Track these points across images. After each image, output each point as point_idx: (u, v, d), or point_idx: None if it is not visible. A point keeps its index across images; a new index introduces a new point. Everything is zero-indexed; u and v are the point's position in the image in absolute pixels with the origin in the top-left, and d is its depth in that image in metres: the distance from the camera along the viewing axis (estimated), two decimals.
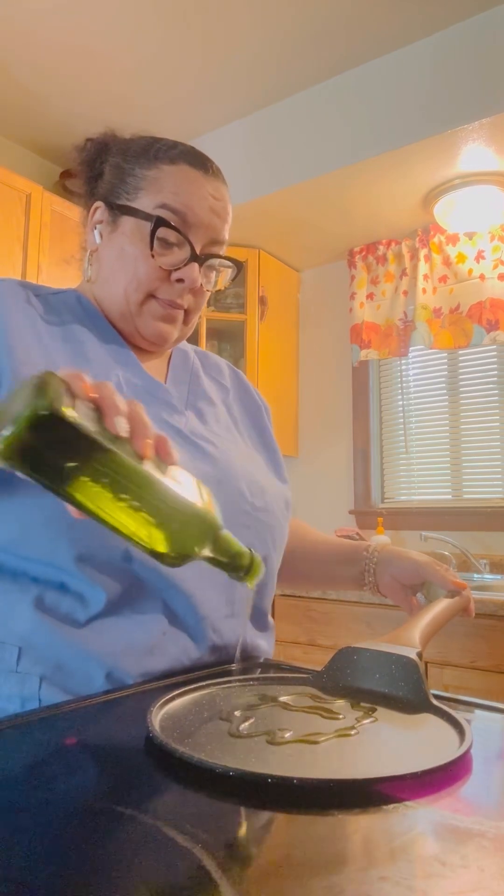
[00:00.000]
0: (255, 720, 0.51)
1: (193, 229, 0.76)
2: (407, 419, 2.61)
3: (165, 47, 2.10)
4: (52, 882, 0.31)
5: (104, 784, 0.42)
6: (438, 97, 1.99)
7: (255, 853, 0.34)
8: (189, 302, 0.79)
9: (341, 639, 1.90)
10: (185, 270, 0.76)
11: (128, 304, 0.78)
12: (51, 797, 0.40)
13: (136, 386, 0.78)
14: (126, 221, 0.77)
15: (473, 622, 1.68)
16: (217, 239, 0.79)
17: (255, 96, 2.33)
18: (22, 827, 0.36)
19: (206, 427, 0.83)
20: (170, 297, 0.77)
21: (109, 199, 0.79)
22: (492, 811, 0.39)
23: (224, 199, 0.81)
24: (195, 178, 0.77)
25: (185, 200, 0.76)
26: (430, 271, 2.48)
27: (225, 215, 0.80)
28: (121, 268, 0.77)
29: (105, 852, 0.33)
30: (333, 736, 0.48)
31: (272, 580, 0.84)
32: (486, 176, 2.17)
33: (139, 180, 0.77)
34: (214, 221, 0.78)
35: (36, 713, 0.56)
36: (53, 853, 0.33)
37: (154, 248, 0.75)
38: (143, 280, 0.76)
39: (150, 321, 0.78)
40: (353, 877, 0.31)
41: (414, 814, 0.38)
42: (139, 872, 0.31)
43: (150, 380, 0.80)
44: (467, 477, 2.46)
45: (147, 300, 0.77)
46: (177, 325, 0.80)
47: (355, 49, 2.09)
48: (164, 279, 0.76)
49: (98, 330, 0.80)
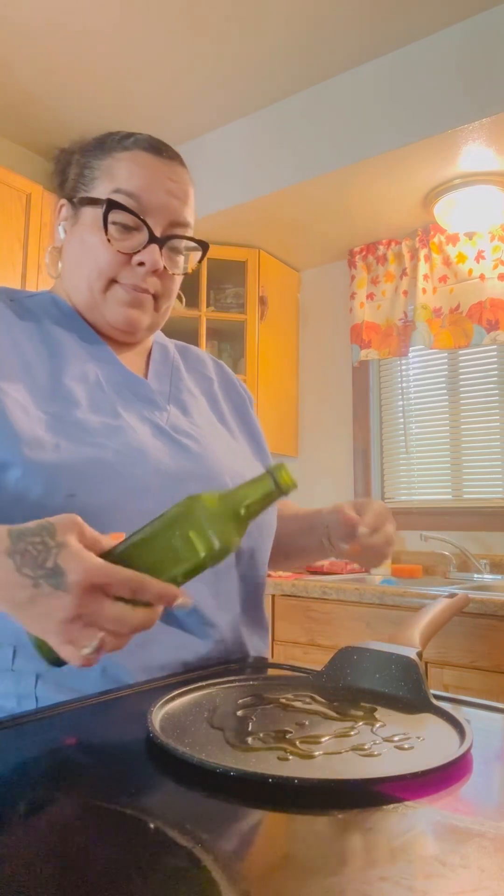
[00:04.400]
0: (255, 720, 0.51)
1: (150, 212, 0.76)
2: (407, 419, 2.61)
3: (166, 47, 2.10)
4: (51, 882, 0.31)
5: (104, 784, 0.42)
6: (438, 97, 1.99)
7: (255, 853, 0.34)
8: (156, 286, 0.78)
9: (341, 639, 1.90)
10: (144, 253, 0.75)
11: (91, 292, 0.78)
12: (50, 797, 0.40)
13: (116, 382, 0.79)
14: (85, 213, 0.77)
15: (473, 622, 1.68)
16: (178, 221, 0.78)
17: (255, 96, 2.33)
18: (21, 827, 0.36)
19: (189, 421, 0.83)
20: (132, 282, 0.77)
21: (71, 195, 0.80)
22: (492, 811, 0.39)
23: (182, 181, 0.79)
24: (149, 162, 0.77)
25: (138, 183, 0.75)
26: (430, 271, 2.48)
27: (184, 197, 0.79)
28: (82, 258, 0.77)
29: (105, 852, 0.33)
30: (333, 736, 0.48)
31: (261, 572, 0.84)
32: (487, 176, 2.17)
33: (95, 171, 0.77)
34: (172, 203, 0.77)
35: (36, 713, 0.56)
36: (53, 853, 0.33)
37: (110, 233, 0.75)
38: (104, 266, 0.76)
39: (116, 307, 0.78)
40: (353, 877, 0.31)
41: (414, 814, 0.38)
42: (139, 872, 0.31)
43: (129, 375, 0.80)
44: (467, 477, 2.46)
45: (110, 286, 0.77)
46: (145, 310, 0.79)
47: (355, 49, 2.09)
48: (124, 264, 0.76)
49: (74, 329, 0.80)
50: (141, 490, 0.69)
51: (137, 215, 0.75)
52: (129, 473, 0.69)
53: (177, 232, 0.78)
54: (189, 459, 0.76)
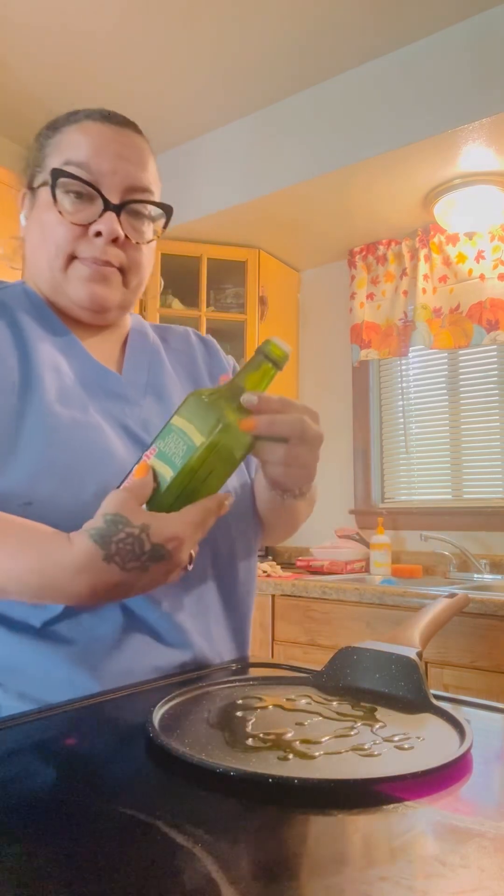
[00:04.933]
0: (255, 720, 0.51)
1: (102, 178, 0.71)
2: (407, 419, 2.61)
3: (165, 47, 2.10)
4: (51, 883, 0.31)
5: (104, 784, 0.42)
6: (439, 97, 1.99)
7: (255, 853, 0.34)
8: (120, 258, 0.73)
9: (341, 639, 1.90)
10: (100, 222, 0.71)
11: (52, 272, 0.74)
12: (50, 797, 0.40)
13: (86, 378, 0.75)
14: (40, 195, 0.75)
15: (473, 622, 1.68)
16: (135, 185, 0.73)
17: (255, 96, 2.33)
18: (21, 828, 0.36)
19: (163, 411, 0.79)
20: (92, 254, 0.72)
21: (29, 182, 0.78)
22: (492, 811, 0.39)
23: (134, 145, 0.75)
24: (96, 129, 0.73)
25: (86, 150, 0.72)
26: (430, 271, 2.48)
27: (138, 161, 0.74)
28: (41, 240, 0.74)
29: (105, 853, 0.33)
30: (333, 736, 0.48)
31: (241, 576, 0.79)
32: (487, 176, 2.17)
33: (45, 149, 0.75)
34: (125, 167, 0.72)
35: (35, 713, 0.56)
36: (52, 853, 0.33)
37: (62, 206, 0.71)
38: (61, 242, 0.72)
39: (79, 284, 0.73)
40: (353, 877, 0.31)
41: (414, 814, 0.38)
42: (139, 873, 0.31)
43: (99, 370, 0.76)
44: (467, 477, 2.46)
45: (70, 263, 0.73)
46: (112, 285, 0.74)
47: (355, 49, 2.09)
48: (81, 236, 0.72)
49: (43, 320, 0.76)
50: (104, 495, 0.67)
51: (87, 182, 0.71)
52: (92, 478, 0.65)
53: (135, 197, 0.73)
54: None
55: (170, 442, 0.57)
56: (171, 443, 0.57)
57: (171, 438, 0.57)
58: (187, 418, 0.57)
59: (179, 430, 0.57)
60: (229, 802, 0.39)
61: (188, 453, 0.56)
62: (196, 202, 2.53)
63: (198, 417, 0.56)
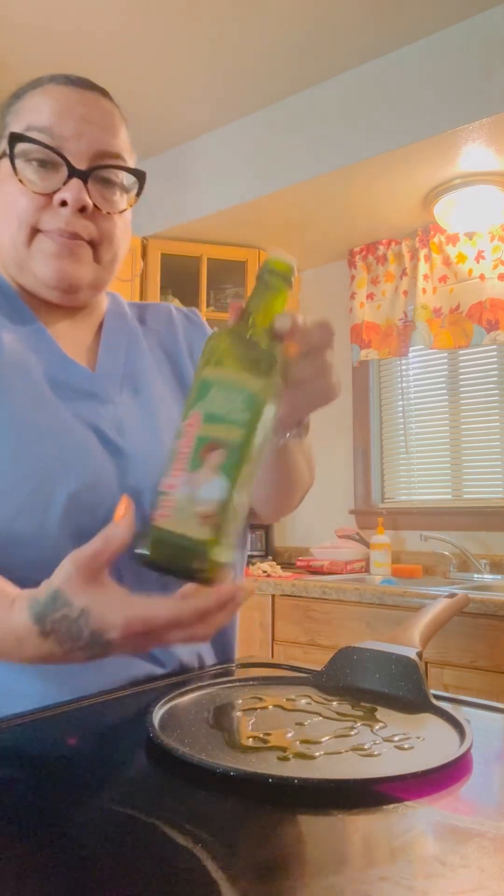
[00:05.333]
0: (255, 720, 0.51)
1: (67, 143, 0.65)
2: (407, 419, 2.61)
3: (165, 47, 2.10)
4: (50, 883, 0.31)
5: (104, 784, 0.42)
6: (438, 97, 1.98)
7: (255, 853, 0.34)
8: (89, 231, 0.67)
9: (341, 639, 1.90)
10: (65, 190, 0.64)
11: (16, 248, 0.67)
12: (50, 797, 0.40)
13: (55, 376, 0.68)
14: (1, 166, 0.68)
15: (474, 622, 1.68)
16: (104, 151, 0.67)
17: (255, 96, 2.33)
18: (21, 828, 0.36)
19: (139, 407, 0.72)
20: (57, 226, 0.65)
21: None
22: (492, 811, 0.39)
23: (101, 108, 0.68)
24: (60, 92, 0.67)
25: (48, 114, 0.66)
26: (430, 271, 2.48)
27: (106, 125, 0.68)
28: (4, 215, 0.67)
29: (105, 853, 0.33)
30: (333, 736, 0.48)
31: None
32: (487, 176, 2.17)
33: (7, 118, 0.69)
34: (92, 131, 0.66)
35: (35, 713, 0.56)
36: (52, 854, 0.33)
37: (23, 174, 0.65)
38: (22, 213, 0.65)
39: (44, 260, 0.66)
40: (353, 877, 0.31)
41: (414, 814, 0.38)
42: (139, 873, 0.31)
43: (68, 366, 0.70)
44: (467, 477, 2.46)
45: (34, 237, 0.66)
46: (81, 261, 0.67)
47: (356, 49, 2.09)
48: (45, 207, 0.66)
49: (9, 307, 0.70)
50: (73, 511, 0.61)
51: (50, 147, 0.65)
52: (61, 494, 0.61)
53: (105, 163, 0.67)
54: (130, 474, 0.67)
55: (215, 399, 0.45)
56: (216, 400, 0.45)
57: (214, 395, 0.46)
58: (226, 364, 0.47)
59: (223, 381, 0.46)
60: (229, 802, 0.39)
61: (251, 402, 0.45)
62: (196, 202, 2.53)
63: (240, 360, 0.47)
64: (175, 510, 0.43)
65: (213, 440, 0.44)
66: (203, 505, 0.43)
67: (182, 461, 0.44)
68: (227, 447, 0.44)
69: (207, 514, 0.43)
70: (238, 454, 0.44)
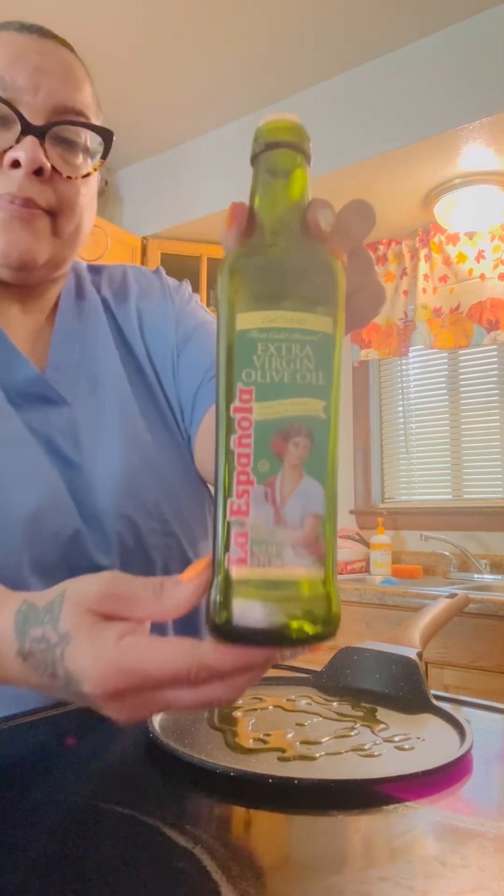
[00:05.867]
0: (255, 721, 0.51)
1: (21, 95, 0.57)
2: (407, 419, 2.61)
3: (164, 48, 2.10)
4: (50, 884, 0.31)
5: (104, 784, 0.42)
6: (439, 96, 1.98)
7: (255, 854, 0.34)
8: (47, 198, 0.57)
9: (341, 639, 1.89)
10: (17, 148, 0.55)
11: None
12: (50, 797, 0.40)
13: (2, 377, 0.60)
14: None
15: (474, 622, 1.68)
16: (63, 105, 0.58)
17: (255, 96, 2.33)
18: (21, 828, 0.36)
19: (98, 407, 0.64)
20: (8, 191, 0.56)
21: None
22: (492, 811, 0.39)
23: (62, 59, 0.60)
24: (13, 39, 0.59)
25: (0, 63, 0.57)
26: (430, 271, 2.48)
27: (67, 77, 0.60)
28: None
29: (104, 853, 0.33)
30: (333, 736, 0.48)
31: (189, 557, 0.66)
32: (487, 175, 2.16)
33: None
34: (51, 83, 0.58)
35: (35, 713, 0.56)
36: (52, 854, 0.33)
37: None
38: None
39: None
40: (353, 877, 0.31)
41: (414, 814, 0.38)
42: (139, 873, 0.31)
43: (18, 367, 0.61)
44: (468, 477, 2.46)
45: None
46: (37, 233, 0.57)
47: (356, 49, 2.09)
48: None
49: None
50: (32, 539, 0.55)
51: (5, 101, 0.56)
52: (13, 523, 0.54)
53: (65, 118, 0.58)
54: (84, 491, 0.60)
55: (269, 360, 0.30)
56: (272, 360, 0.30)
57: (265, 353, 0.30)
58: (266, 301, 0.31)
59: (272, 329, 0.30)
60: (229, 803, 0.39)
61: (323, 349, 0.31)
62: (196, 202, 2.53)
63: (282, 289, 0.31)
64: (257, 545, 0.30)
65: (285, 424, 0.30)
66: (298, 527, 0.30)
67: (244, 468, 0.30)
68: (307, 430, 0.30)
69: (308, 540, 0.30)
70: (326, 435, 0.31)
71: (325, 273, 0.32)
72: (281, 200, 0.35)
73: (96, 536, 0.59)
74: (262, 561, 0.29)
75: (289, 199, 0.35)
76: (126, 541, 0.61)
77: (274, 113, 0.36)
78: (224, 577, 0.30)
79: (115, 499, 0.60)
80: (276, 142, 0.36)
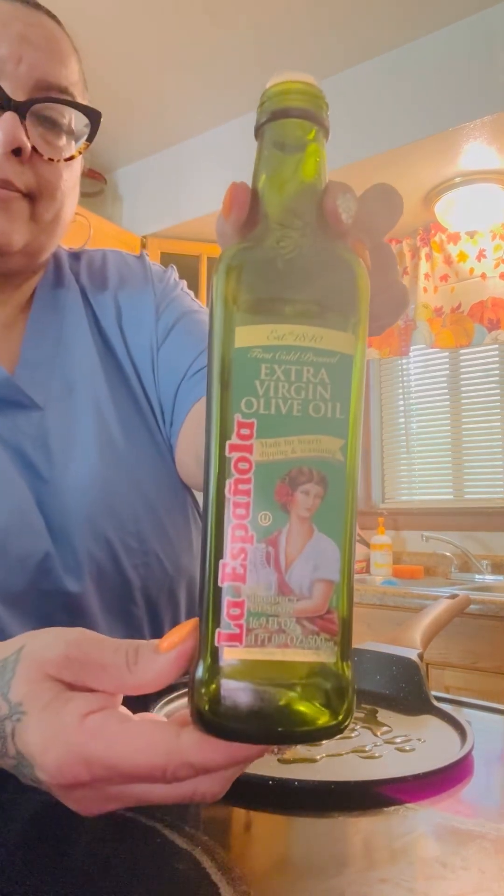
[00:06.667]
0: None
1: (2, 67, 0.52)
2: (408, 419, 2.61)
3: (165, 45, 2.10)
4: (50, 884, 0.30)
5: None
6: (439, 95, 1.98)
7: (255, 855, 0.34)
8: (27, 181, 0.53)
9: None
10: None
11: None
12: (49, 798, 0.40)
13: None
14: None
15: (475, 623, 1.68)
16: (48, 81, 0.54)
17: (255, 95, 2.32)
18: (19, 828, 0.36)
19: (72, 412, 0.59)
20: None
21: None
22: (493, 813, 0.39)
23: (48, 30, 0.56)
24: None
25: None
26: (431, 270, 2.48)
27: (52, 50, 0.55)
28: None
29: (104, 854, 0.33)
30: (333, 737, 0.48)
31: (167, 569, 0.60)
32: (488, 174, 2.16)
33: None
34: (35, 55, 0.53)
35: None
36: (52, 855, 0.33)
37: None
38: None
39: None
40: (354, 879, 0.31)
41: (415, 816, 0.38)
42: (139, 875, 0.31)
43: None
44: (468, 477, 2.46)
45: None
46: (14, 217, 0.53)
47: (355, 47, 2.09)
48: None
49: None
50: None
51: None
52: None
53: (49, 95, 0.54)
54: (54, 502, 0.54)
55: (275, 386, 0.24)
56: (278, 386, 0.24)
57: (270, 378, 0.24)
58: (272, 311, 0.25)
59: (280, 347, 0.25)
60: (229, 805, 0.39)
61: (341, 373, 0.25)
62: (196, 201, 2.52)
63: (293, 295, 0.25)
64: (255, 619, 0.24)
65: (294, 468, 0.24)
66: (307, 597, 0.24)
67: (241, 521, 0.24)
68: (320, 476, 0.25)
69: (319, 613, 0.24)
70: (343, 482, 0.25)
71: (345, 277, 0.26)
72: (291, 183, 0.28)
73: (67, 559, 0.53)
74: (260, 639, 0.24)
75: (301, 182, 0.29)
76: (100, 562, 0.55)
77: (285, 71, 0.29)
78: (212, 657, 0.24)
79: (88, 516, 0.54)
80: (286, 108, 0.29)
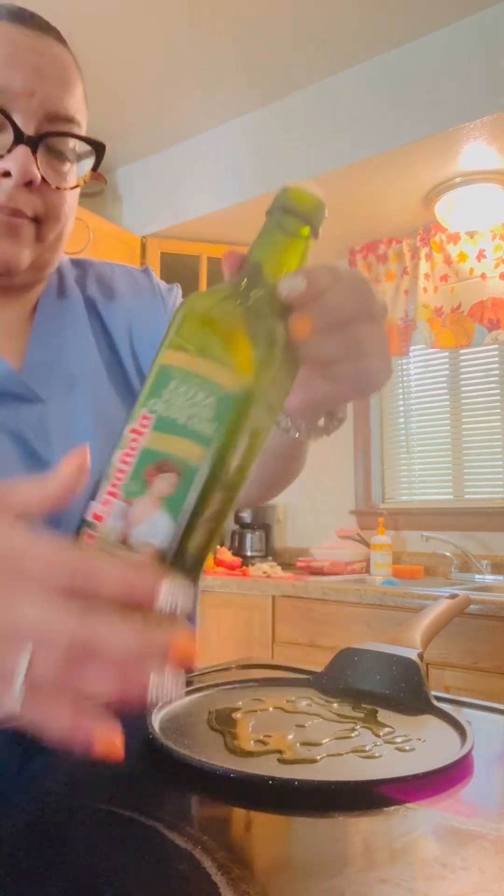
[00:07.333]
0: (255, 722, 0.51)
1: (15, 100, 0.54)
2: (408, 419, 2.61)
3: (165, 44, 2.10)
4: (50, 885, 0.30)
5: (103, 786, 0.42)
6: (440, 95, 1.98)
7: (255, 855, 0.34)
8: (34, 207, 0.56)
9: (342, 640, 1.90)
10: (10, 158, 0.53)
11: None
12: (49, 799, 0.40)
13: None
14: None
15: (475, 623, 1.68)
16: (56, 112, 0.56)
17: (256, 94, 2.33)
18: (20, 828, 0.36)
19: (72, 406, 0.62)
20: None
21: None
22: (493, 813, 0.39)
23: (57, 58, 0.57)
24: (6, 34, 0.55)
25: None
26: (431, 270, 2.48)
27: (62, 81, 0.57)
28: None
29: (104, 854, 0.33)
30: (334, 738, 0.48)
31: None
32: (488, 174, 2.16)
33: None
34: (46, 88, 0.55)
35: None
36: (52, 855, 0.33)
37: None
38: None
39: None
40: (354, 879, 0.31)
41: (415, 816, 0.38)
42: (139, 874, 0.31)
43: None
44: (468, 477, 2.46)
45: None
46: (21, 240, 0.57)
47: (356, 47, 2.09)
48: None
49: None
50: None
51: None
52: None
53: (58, 129, 0.56)
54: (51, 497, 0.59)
55: (175, 397, 0.32)
56: (177, 398, 0.32)
57: (174, 390, 0.32)
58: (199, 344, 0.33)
59: (189, 371, 0.33)
60: (229, 804, 0.39)
61: (226, 406, 0.32)
62: (195, 201, 2.53)
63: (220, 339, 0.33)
64: (98, 550, 0.32)
65: (164, 457, 0.32)
66: (134, 550, 0.31)
67: (118, 482, 0.32)
68: (180, 470, 0.31)
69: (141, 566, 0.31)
70: (193, 483, 0.31)
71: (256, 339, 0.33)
72: (270, 261, 0.36)
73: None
74: None
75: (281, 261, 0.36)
76: None
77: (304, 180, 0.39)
78: None
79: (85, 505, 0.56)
80: (292, 208, 0.37)
